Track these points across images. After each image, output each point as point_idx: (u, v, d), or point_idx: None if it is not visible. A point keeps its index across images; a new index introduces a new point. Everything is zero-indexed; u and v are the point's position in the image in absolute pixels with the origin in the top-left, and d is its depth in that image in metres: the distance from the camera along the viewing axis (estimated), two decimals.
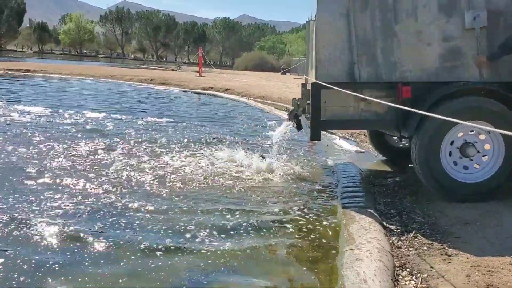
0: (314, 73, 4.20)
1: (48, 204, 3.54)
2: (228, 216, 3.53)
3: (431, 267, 2.73)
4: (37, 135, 6.27)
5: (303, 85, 5.32)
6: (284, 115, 9.98)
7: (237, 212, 3.62)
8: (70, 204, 3.57)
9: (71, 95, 12.67)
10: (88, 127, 7.30)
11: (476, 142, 3.97)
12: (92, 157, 5.19)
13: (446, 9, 3.98)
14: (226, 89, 15.96)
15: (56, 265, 2.61)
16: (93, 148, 5.66)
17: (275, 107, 11.80)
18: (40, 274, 2.50)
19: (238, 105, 12.71)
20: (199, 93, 15.77)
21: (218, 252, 2.88)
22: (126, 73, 22.03)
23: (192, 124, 8.33)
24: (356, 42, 4.03)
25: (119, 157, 5.22)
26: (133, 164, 4.92)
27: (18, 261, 2.63)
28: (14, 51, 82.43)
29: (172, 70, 32.40)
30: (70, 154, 5.25)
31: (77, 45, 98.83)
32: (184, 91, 16.43)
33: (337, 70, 4.09)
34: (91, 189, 4.01)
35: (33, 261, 2.64)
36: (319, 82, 4.04)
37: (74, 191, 3.94)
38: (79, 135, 6.46)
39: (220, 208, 3.71)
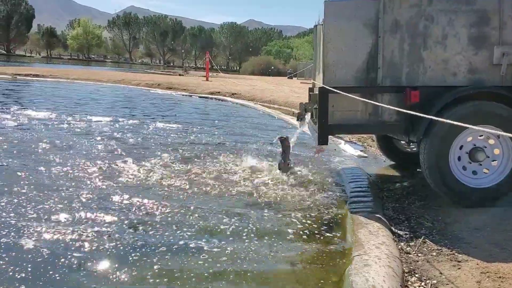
0: (321, 77, 4.20)
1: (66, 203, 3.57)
2: (232, 220, 3.52)
3: (441, 273, 2.70)
4: (45, 140, 6.31)
5: (311, 90, 5.31)
6: (291, 119, 10.00)
7: (242, 215, 3.62)
8: (86, 204, 3.59)
9: (78, 100, 12.74)
10: (95, 131, 7.34)
11: (485, 147, 3.93)
12: (104, 162, 5.21)
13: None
14: (233, 94, 15.99)
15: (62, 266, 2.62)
16: (104, 152, 5.68)
17: (282, 112, 11.81)
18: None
19: (245, 110, 12.72)
20: (206, 98, 15.80)
21: (220, 255, 2.87)
22: (133, 77, 22.15)
23: (199, 129, 8.34)
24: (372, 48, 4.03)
25: (128, 163, 5.23)
26: (146, 169, 4.94)
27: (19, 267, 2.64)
28: (23, 56, 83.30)
29: (179, 75, 32.51)
30: (84, 160, 5.28)
31: (85, 50, 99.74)
32: (191, 95, 16.48)
33: (345, 74, 4.08)
34: (113, 192, 4.03)
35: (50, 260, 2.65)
36: (327, 87, 4.03)
37: (93, 191, 3.96)
38: (88, 140, 6.50)
39: (224, 211, 3.71)
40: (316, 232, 3.36)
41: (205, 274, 2.62)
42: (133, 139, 6.76)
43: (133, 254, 2.84)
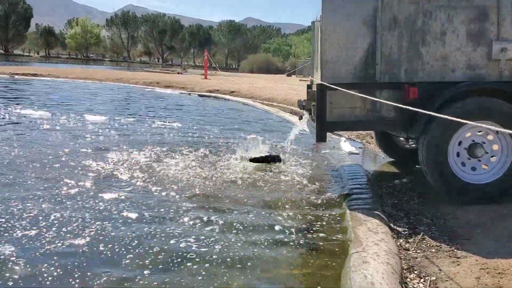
0: (319, 74, 4.18)
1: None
2: (226, 215, 3.50)
3: (440, 269, 2.69)
4: (48, 140, 6.29)
5: (309, 87, 5.29)
6: (290, 116, 10.00)
7: (236, 211, 3.61)
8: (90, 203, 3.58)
9: (78, 99, 12.71)
10: (92, 130, 7.32)
11: (484, 143, 3.92)
12: (100, 159, 5.20)
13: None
14: (232, 92, 15.94)
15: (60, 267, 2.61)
16: (99, 150, 5.67)
17: (281, 109, 11.80)
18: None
19: (244, 107, 12.71)
20: (204, 96, 15.77)
21: (212, 252, 2.85)
22: (132, 76, 22.10)
23: (198, 126, 8.33)
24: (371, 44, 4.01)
25: (128, 162, 5.23)
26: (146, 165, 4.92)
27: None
28: (21, 56, 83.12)
29: (178, 73, 32.42)
30: (79, 158, 5.26)
31: (84, 49, 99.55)
32: (189, 93, 16.44)
33: (343, 71, 4.06)
34: (124, 191, 4.02)
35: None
36: (325, 83, 4.01)
37: (101, 188, 3.95)
38: (82, 138, 6.48)
39: (218, 206, 3.70)
40: (314, 229, 3.35)
41: (200, 272, 2.62)
42: (130, 137, 6.74)
43: (128, 252, 2.83)
